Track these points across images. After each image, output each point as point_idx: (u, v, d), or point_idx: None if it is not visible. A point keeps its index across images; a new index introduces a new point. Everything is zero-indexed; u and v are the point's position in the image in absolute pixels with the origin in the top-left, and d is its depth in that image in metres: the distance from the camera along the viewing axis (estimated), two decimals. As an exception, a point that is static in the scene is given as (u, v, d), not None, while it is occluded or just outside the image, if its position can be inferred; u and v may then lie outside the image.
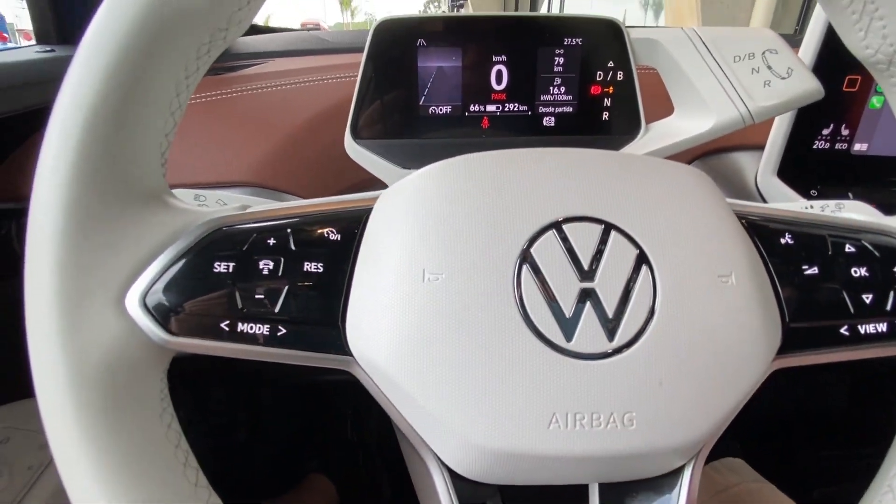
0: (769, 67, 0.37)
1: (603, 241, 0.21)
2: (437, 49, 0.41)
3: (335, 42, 0.67)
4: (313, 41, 0.66)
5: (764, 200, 0.50)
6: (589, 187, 0.22)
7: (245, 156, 0.46)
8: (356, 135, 0.41)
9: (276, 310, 0.21)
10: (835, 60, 0.43)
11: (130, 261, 0.20)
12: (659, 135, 0.43)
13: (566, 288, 0.20)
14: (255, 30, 0.85)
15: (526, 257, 0.20)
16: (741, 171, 0.52)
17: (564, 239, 0.21)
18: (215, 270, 0.21)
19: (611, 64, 0.41)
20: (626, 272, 0.20)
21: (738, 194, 0.51)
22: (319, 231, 0.22)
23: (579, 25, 0.41)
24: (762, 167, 0.48)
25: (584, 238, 0.21)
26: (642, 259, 0.21)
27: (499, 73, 0.41)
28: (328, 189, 0.50)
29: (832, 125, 0.46)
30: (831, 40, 0.43)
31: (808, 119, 0.45)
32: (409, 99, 0.41)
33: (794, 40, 0.56)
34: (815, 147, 0.46)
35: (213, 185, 0.44)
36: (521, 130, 0.43)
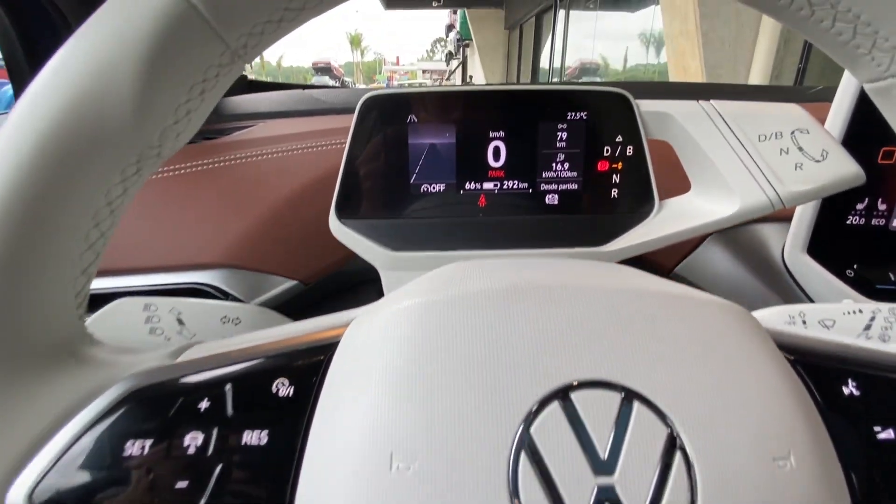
0: (800, 149, 0.34)
1: (623, 415, 0.16)
2: (430, 125, 0.38)
3: (330, 102, 0.65)
4: (307, 101, 0.65)
5: (793, 279, 0.46)
6: (601, 336, 0.17)
7: (223, 233, 0.43)
8: (342, 214, 0.39)
9: (202, 503, 0.16)
10: (867, 131, 0.40)
11: (20, 443, 0.16)
12: (675, 214, 0.39)
13: (577, 485, 0.15)
14: (248, 85, 0.85)
15: (524, 442, 0.16)
16: (765, 245, 0.48)
17: (573, 415, 0.16)
18: (126, 454, 0.16)
19: (619, 138, 0.38)
20: (654, 461, 0.16)
21: (762, 270, 0.47)
22: (268, 384, 0.18)
23: (584, 98, 0.38)
24: (790, 243, 0.44)
25: (598, 412, 0.16)
26: (675, 442, 0.16)
27: (496, 149, 0.39)
28: (313, 268, 0.47)
29: (867, 200, 0.41)
30: (862, 110, 0.39)
31: (839, 193, 0.41)
32: (399, 177, 0.39)
33: (805, 95, 0.52)
34: (848, 223, 0.42)
35: (187, 268, 0.41)
36: (522, 209, 0.40)
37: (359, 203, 0.39)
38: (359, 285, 0.54)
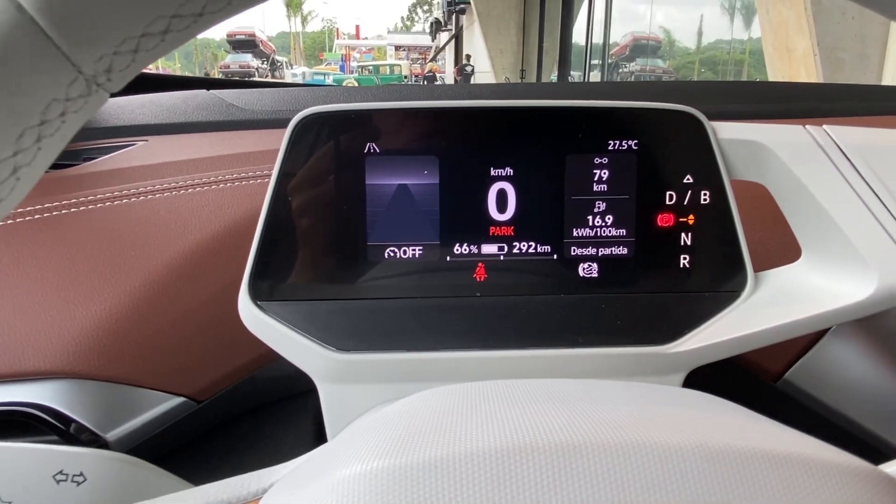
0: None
1: None
2: (399, 158, 0.39)
3: (249, 108, 0.66)
4: (212, 107, 0.66)
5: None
6: None
7: (67, 322, 0.42)
8: (259, 293, 0.39)
9: None
10: None
11: None
12: (778, 295, 0.39)
13: None
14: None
15: None
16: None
17: None
18: None
19: (689, 178, 0.39)
20: None
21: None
22: None
23: (634, 119, 0.39)
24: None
25: None
26: None
27: (501, 194, 0.39)
28: (210, 377, 0.46)
29: None
30: None
31: None
32: (350, 236, 0.39)
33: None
34: None
35: (2, 379, 0.40)
36: (541, 286, 0.40)
37: (286, 276, 0.39)
38: (285, 401, 0.53)
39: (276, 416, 0.53)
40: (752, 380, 0.53)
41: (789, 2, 3.38)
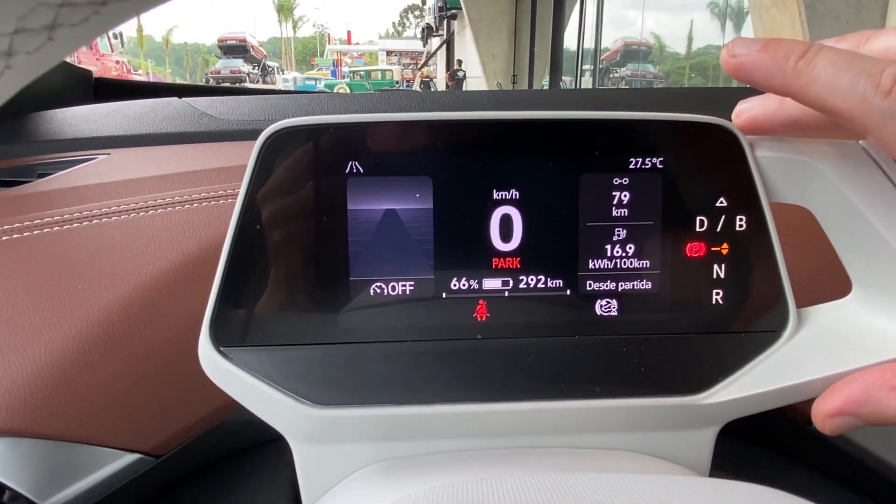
0: None
1: None
2: (386, 180, 0.35)
3: (223, 118, 0.61)
4: (183, 117, 0.61)
5: None
6: None
7: (4, 367, 0.38)
8: (223, 337, 0.34)
9: None
10: None
11: None
12: (827, 336, 0.36)
13: None
14: (95, 88, 0.82)
15: None
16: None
17: None
18: None
19: (723, 202, 0.36)
20: None
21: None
22: None
23: (659, 133, 0.35)
24: None
25: None
26: None
27: (506, 220, 0.35)
28: (168, 430, 0.41)
29: None
30: None
31: None
32: (329, 269, 0.35)
33: None
34: None
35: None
36: (553, 326, 0.36)
37: (253, 317, 0.35)
38: (257, 447, 0.48)
39: (248, 465, 0.48)
40: (783, 420, 0.48)
41: (783, 6, 3.41)
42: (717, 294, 0.36)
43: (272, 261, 0.34)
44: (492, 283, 0.35)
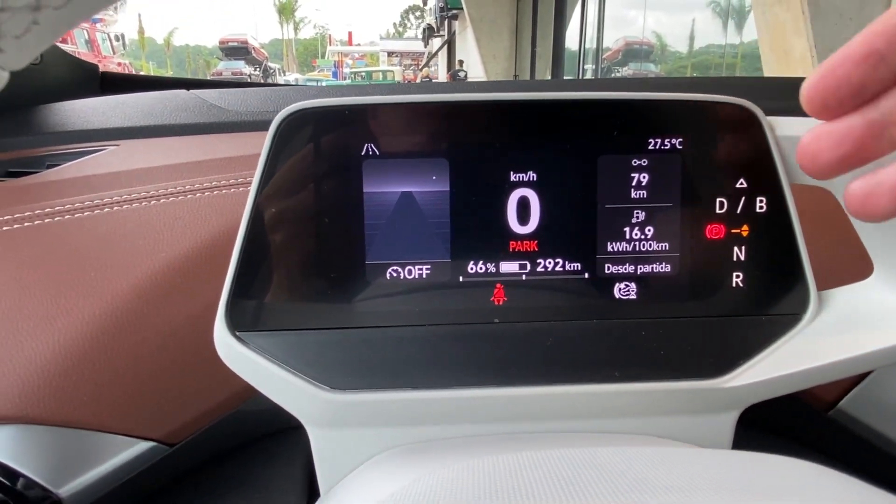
0: None
1: None
2: (402, 163, 0.34)
3: (232, 109, 0.61)
4: (192, 108, 0.61)
5: None
6: None
7: (18, 354, 0.38)
8: (238, 323, 0.34)
9: None
10: None
11: None
12: (848, 318, 0.36)
13: None
14: (101, 82, 0.81)
15: None
16: None
17: None
18: None
19: (742, 183, 0.35)
20: None
21: None
22: None
23: (678, 114, 0.35)
24: None
25: None
26: None
27: (523, 202, 0.35)
28: (183, 418, 0.41)
29: None
30: None
31: None
32: (345, 253, 0.35)
33: None
34: None
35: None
36: (571, 310, 0.36)
37: (269, 301, 0.34)
38: (272, 437, 0.48)
39: (263, 455, 0.48)
40: (801, 408, 0.48)
41: (786, 3, 3.39)
42: (738, 277, 0.35)
43: (287, 245, 0.34)
44: (509, 267, 0.35)
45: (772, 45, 3.58)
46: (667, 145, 0.35)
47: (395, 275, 0.35)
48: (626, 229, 0.35)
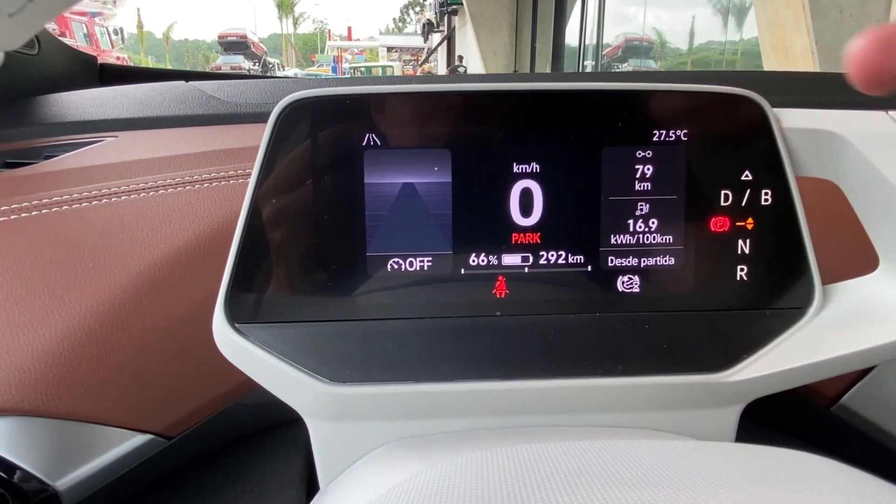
0: None
1: None
2: (404, 153, 0.34)
3: (231, 101, 0.60)
4: (191, 99, 0.60)
5: None
6: None
7: (15, 346, 0.37)
8: (237, 314, 0.34)
9: None
10: None
11: None
12: (853, 312, 0.35)
13: None
14: (100, 73, 0.81)
15: None
16: None
17: None
18: None
19: (747, 175, 0.35)
20: None
21: None
22: None
23: (683, 105, 0.35)
24: None
25: None
26: None
27: (525, 194, 0.35)
28: (181, 411, 0.41)
29: None
30: None
31: None
32: (345, 245, 0.34)
33: None
34: None
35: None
36: (574, 303, 0.36)
37: (269, 293, 0.34)
38: (270, 431, 0.48)
39: (261, 449, 0.48)
40: (803, 404, 0.47)
41: (787, 1, 3.39)
42: (742, 270, 0.35)
43: (287, 236, 0.34)
44: (511, 259, 0.35)
45: (772, 42, 3.57)
46: (672, 137, 0.34)
47: (396, 267, 0.34)
48: (630, 222, 0.35)
